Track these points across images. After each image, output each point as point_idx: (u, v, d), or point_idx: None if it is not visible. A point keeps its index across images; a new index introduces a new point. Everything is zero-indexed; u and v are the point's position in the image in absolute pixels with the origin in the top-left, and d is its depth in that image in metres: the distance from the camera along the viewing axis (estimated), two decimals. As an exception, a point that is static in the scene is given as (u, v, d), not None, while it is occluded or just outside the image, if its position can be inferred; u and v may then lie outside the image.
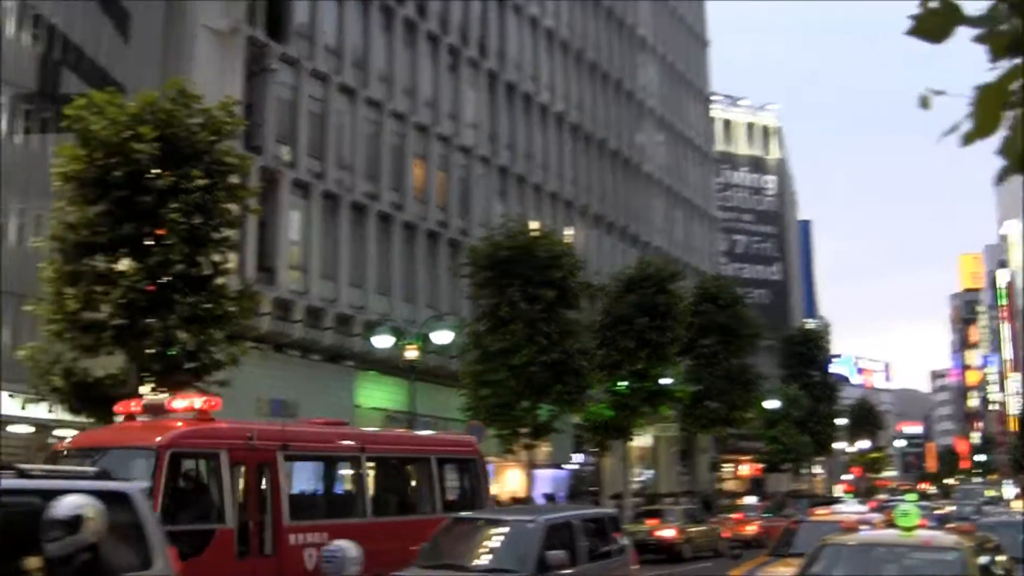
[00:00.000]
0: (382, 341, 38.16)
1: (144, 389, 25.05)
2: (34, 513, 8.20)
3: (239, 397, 33.82)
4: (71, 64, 36.73)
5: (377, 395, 45.57)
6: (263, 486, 17.60)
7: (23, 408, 31.26)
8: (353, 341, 43.65)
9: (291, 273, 41.72)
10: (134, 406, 17.83)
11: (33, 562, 8.43)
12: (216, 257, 25.56)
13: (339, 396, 42.89)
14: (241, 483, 17.28)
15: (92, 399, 24.13)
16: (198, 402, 17.54)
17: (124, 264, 24.36)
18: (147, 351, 24.50)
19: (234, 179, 26.11)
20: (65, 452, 16.99)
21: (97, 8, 37.85)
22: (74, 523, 7.49)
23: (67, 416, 27.16)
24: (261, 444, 17.46)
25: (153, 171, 24.33)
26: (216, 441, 16.98)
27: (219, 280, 25.61)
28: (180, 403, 17.59)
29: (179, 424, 17.05)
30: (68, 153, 24.50)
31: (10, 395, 28.09)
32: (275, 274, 40.65)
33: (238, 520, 16.72)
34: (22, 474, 9.76)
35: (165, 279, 24.20)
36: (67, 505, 7.61)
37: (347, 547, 10.65)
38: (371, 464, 20.53)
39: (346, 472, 21.20)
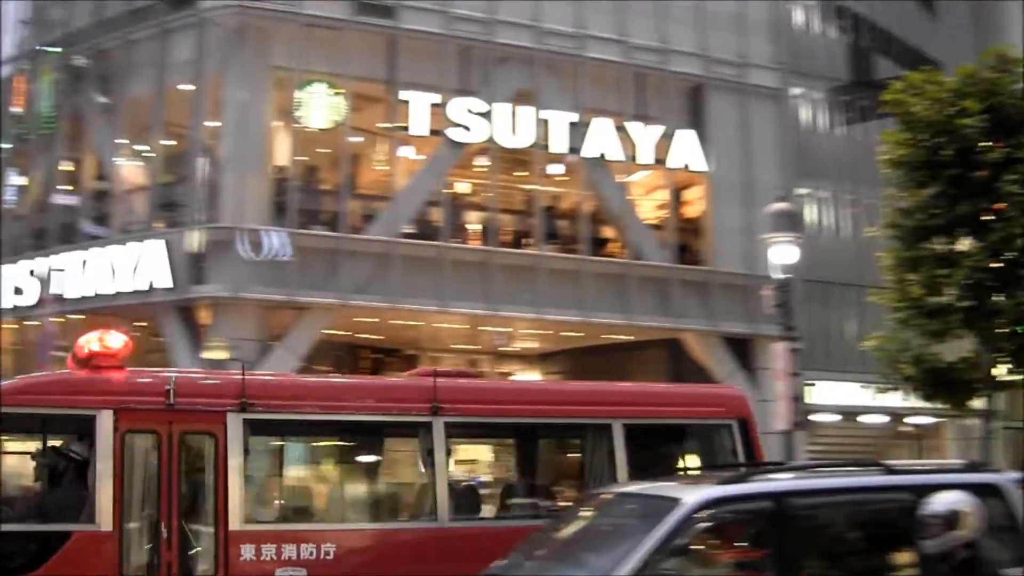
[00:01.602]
0: None
1: (997, 371, 23.53)
2: (906, 509, 8.07)
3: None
4: (881, 49, 36.54)
5: None
6: (199, 468, 11.59)
7: (875, 398, 30.83)
8: None
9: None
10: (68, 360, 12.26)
11: (907, 558, 8.42)
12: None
13: None
14: (147, 462, 11.28)
15: (945, 385, 22.87)
16: (96, 343, 11.51)
17: (964, 244, 22.85)
18: (998, 331, 22.65)
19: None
20: None
21: (899, -12, 37.65)
22: (951, 519, 7.24)
23: (920, 404, 26.04)
24: (193, 402, 11.46)
25: (982, 144, 22.60)
26: (92, 398, 11.08)
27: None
28: (91, 344, 11.54)
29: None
30: (893, 139, 23.57)
31: (862, 386, 27.61)
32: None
33: (134, 519, 10.97)
34: (891, 471, 9.34)
35: (1009, 255, 22.32)
36: (943, 501, 7.33)
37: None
38: (453, 437, 12.81)
39: (393, 449, 13.71)
